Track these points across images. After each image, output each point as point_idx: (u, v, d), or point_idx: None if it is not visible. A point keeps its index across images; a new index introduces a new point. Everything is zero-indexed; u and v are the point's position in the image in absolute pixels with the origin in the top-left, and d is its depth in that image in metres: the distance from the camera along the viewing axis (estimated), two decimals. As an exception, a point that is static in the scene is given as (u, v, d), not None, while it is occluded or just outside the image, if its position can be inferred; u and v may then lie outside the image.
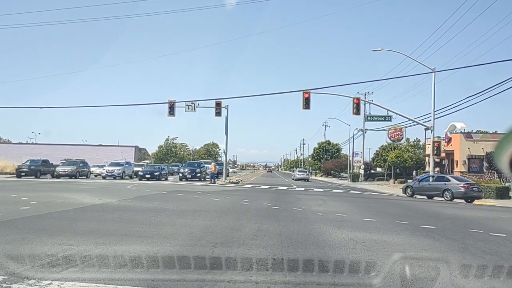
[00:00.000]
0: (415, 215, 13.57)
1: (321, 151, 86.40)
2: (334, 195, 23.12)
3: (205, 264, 5.46)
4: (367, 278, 5.09)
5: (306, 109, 26.41)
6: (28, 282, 4.44)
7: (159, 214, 11.10)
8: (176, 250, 6.24)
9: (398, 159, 39.68)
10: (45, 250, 5.95)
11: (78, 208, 11.97)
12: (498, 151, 2.12)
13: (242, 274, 5.07)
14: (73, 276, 4.73)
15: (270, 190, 25.66)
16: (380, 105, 32.60)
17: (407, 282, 4.85)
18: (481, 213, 15.59)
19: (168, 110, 31.47)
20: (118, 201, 14.48)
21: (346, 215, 12.22)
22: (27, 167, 35.57)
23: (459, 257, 6.56)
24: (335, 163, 75.08)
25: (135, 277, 4.81)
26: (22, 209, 11.14)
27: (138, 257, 5.70)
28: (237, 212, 12.11)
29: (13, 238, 6.93)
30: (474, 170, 42.20)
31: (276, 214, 11.90)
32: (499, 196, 24.04)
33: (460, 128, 45.38)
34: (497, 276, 5.45)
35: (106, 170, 38.51)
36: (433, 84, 25.74)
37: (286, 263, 5.64)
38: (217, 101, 33.32)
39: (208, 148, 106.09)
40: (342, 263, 5.75)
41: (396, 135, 46.13)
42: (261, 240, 7.41)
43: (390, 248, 7.05)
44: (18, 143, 73.54)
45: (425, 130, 31.77)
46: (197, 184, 29.86)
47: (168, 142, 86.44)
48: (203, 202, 15.28)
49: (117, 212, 11.39)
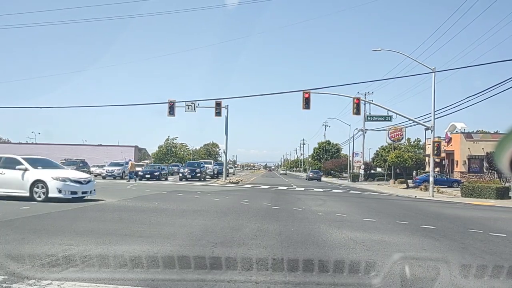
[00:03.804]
0: (415, 215, 13.58)
1: (321, 151, 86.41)
2: (334, 195, 23.12)
3: (205, 264, 5.47)
4: (367, 278, 5.09)
5: (306, 109, 26.37)
6: (28, 282, 4.44)
7: (159, 214, 11.10)
8: (176, 250, 6.24)
9: (398, 159, 39.60)
10: (45, 250, 5.95)
11: (78, 208, 11.97)
12: (498, 151, 2.12)
13: (242, 274, 5.07)
14: (73, 276, 4.73)
15: (270, 190, 25.65)
16: (380, 105, 32.52)
17: (407, 282, 4.85)
18: (481, 213, 15.59)
19: (168, 110, 31.44)
20: (118, 201, 14.48)
21: (346, 215, 12.22)
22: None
23: (459, 257, 6.56)
24: (335, 163, 75.08)
25: (135, 277, 4.81)
26: (22, 209, 11.14)
27: (138, 257, 5.70)
28: (237, 212, 12.11)
29: (13, 238, 6.94)
30: (474, 170, 42.23)
31: (276, 214, 11.90)
32: (499, 196, 24.01)
33: (460, 128, 45.40)
34: (497, 276, 5.45)
35: (106, 170, 38.50)
36: (433, 84, 25.71)
37: (286, 263, 5.64)
38: (217, 101, 33.31)
39: (208, 148, 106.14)
40: (342, 263, 5.75)
41: (396, 135, 46.12)
42: (261, 240, 7.41)
43: (390, 248, 7.05)
44: (18, 143, 73.53)
45: (425, 130, 31.75)
46: (197, 184, 29.86)
47: (168, 142, 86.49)
48: (203, 202, 15.28)
49: (117, 212, 11.40)
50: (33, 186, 13.28)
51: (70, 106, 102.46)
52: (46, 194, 13.17)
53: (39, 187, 13.27)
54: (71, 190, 13.40)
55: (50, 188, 13.16)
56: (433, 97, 25.84)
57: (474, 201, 22.42)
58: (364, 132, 51.79)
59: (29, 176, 13.40)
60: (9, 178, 13.45)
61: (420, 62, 26.85)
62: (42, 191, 13.23)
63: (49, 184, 13.19)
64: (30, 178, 13.34)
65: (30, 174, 13.43)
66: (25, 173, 13.45)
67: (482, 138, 43.40)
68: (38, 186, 13.27)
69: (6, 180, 13.47)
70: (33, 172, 13.54)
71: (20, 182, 13.37)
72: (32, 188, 13.26)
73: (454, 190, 31.88)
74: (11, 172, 13.52)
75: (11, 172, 13.51)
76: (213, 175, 42.75)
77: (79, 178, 14.11)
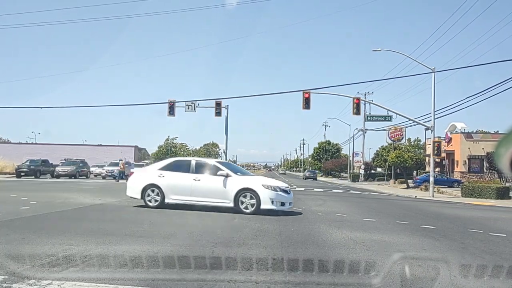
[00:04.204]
0: (415, 215, 13.58)
1: (321, 151, 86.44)
2: (334, 195, 23.12)
3: (205, 264, 5.47)
4: (367, 278, 5.10)
5: (306, 109, 26.36)
6: (28, 282, 4.44)
7: (159, 214, 11.10)
8: (176, 250, 6.25)
9: (398, 159, 39.63)
10: (45, 250, 5.95)
11: (78, 208, 11.98)
12: (498, 151, 2.12)
13: (242, 274, 5.08)
14: (74, 275, 4.73)
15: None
16: (380, 105, 32.53)
17: (407, 282, 4.85)
18: (481, 213, 15.60)
19: (168, 110, 31.40)
20: (118, 201, 14.48)
21: (346, 215, 12.22)
22: (27, 167, 35.56)
23: (458, 257, 6.56)
24: (335, 163, 75.11)
25: (135, 276, 4.81)
26: (22, 209, 11.14)
27: (139, 257, 5.70)
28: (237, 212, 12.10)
29: (13, 238, 6.94)
30: (474, 170, 42.24)
31: (276, 214, 11.89)
32: (499, 196, 24.02)
33: (461, 128, 45.40)
34: (497, 276, 5.45)
35: (106, 170, 38.49)
36: (433, 84, 25.71)
37: (286, 263, 5.64)
38: (217, 101, 33.28)
39: (208, 148, 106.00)
40: (342, 263, 5.75)
41: (396, 135, 46.17)
42: (261, 240, 7.42)
43: (390, 248, 7.06)
44: (18, 143, 73.47)
45: (425, 130, 31.76)
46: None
47: (168, 142, 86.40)
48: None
49: (117, 212, 11.41)
50: (238, 195, 11.45)
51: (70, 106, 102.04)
52: (256, 205, 11.30)
53: (246, 197, 11.42)
54: (281, 201, 11.53)
55: (263, 198, 11.31)
56: (433, 97, 25.85)
57: (474, 201, 22.42)
58: (364, 132, 51.83)
59: (233, 183, 11.59)
60: (207, 186, 11.75)
61: (420, 62, 26.88)
62: (251, 202, 11.35)
63: (261, 194, 11.35)
64: (234, 186, 11.52)
65: (234, 182, 11.63)
66: (227, 180, 11.63)
67: (482, 138, 43.40)
68: (246, 195, 11.43)
69: (202, 187, 11.74)
70: (237, 179, 11.78)
71: (221, 190, 11.57)
72: (238, 198, 11.43)
73: (454, 190, 31.89)
74: (208, 178, 11.81)
75: (209, 178, 11.81)
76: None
77: (285, 187, 12.19)
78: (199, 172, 11.99)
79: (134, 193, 12.39)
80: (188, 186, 11.80)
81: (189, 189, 11.78)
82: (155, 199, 12.00)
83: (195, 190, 11.74)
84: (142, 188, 12.12)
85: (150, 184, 12.08)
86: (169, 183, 11.97)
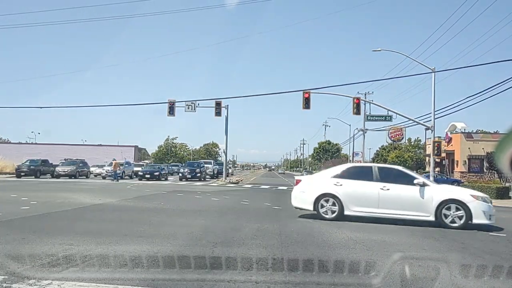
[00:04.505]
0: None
1: (321, 151, 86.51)
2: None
3: (205, 264, 5.47)
4: (367, 278, 5.10)
5: (306, 109, 26.36)
6: (28, 282, 4.44)
7: (159, 214, 11.11)
8: (176, 250, 6.25)
9: (398, 159, 39.76)
10: (45, 250, 5.95)
11: (78, 208, 11.98)
12: (498, 151, 2.12)
13: (242, 274, 5.08)
14: (74, 275, 4.73)
15: (270, 190, 25.65)
16: (380, 105, 32.52)
17: (407, 282, 4.85)
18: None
19: (168, 110, 31.40)
20: (118, 201, 14.49)
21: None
22: (27, 167, 35.54)
23: (458, 257, 6.56)
24: (335, 163, 74.62)
25: (135, 276, 4.81)
26: (22, 209, 11.14)
27: (139, 256, 5.70)
28: (237, 212, 12.12)
29: (13, 238, 6.94)
30: (474, 170, 42.22)
31: (276, 214, 11.91)
32: (499, 196, 24.01)
33: (461, 128, 45.37)
34: (497, 276, 5.45)
35: (106, 170, 38.44)
36: (433, 84, 25.71)
37: (286, 263, 5.64)
38: (217, 101, 33.28)
39: (208, 148, 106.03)
40: (342, 263, 5.75)
41: (396, 135, 46.13)
42: (261, 240, 7.41)
43: (390, 248, 7.06)
44: (18, 143, 73.54)
45: (426, 130, 31.75)
46: (197, 184, 29.86)
47: (168, 142, 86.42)
48: (203, 202, 15.29)
49: (117, 212, 11.40)
50: (440, 207, 10.03)
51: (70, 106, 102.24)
52: (466, 218, 9.90)
53: (450, 209, 9.99)
54: (490, 214, 10.06)
55: (474, 212, 9.87)
56: (433, 97, 25.85)
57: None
58: (364, 132, 51.73)
59: (432, 193, 10.17)
60: (399, 196, 10.33)
61: (420, 62, 26.87)
62: (458, 214, 9.94)
63: (472, 206, 9.91)
64: (435, 197, 10.09)
65: (433, 192, 10.23)
66: (424, 189, 10.24)
67: (482, 138, 43.36)
68: (450, 207, 10.00)
69: (393, 198, 10.32)
70: (437, 188, 10.52)
71: (417, 202, 10.17)
72: (440, 210, 10.02)
73: (454, 190, 31.81)
74: (400, 187, 10.40)
75: (401, 187, 10.39)
76: (213, 175, 42.75)
77: (487, 197, 10.66)
78: (386, 181, 10.49)
79: (304, 203, 10.96)
80: (375, 196, 10.38)
81: (376, 200, 10.37)
82: (331, 210, 10.62)
83: (383, 201, 10.32)
84: (315, 198, 10.72)
85: (325, 193, 10.70)
86: (350, 192, 10.57)
